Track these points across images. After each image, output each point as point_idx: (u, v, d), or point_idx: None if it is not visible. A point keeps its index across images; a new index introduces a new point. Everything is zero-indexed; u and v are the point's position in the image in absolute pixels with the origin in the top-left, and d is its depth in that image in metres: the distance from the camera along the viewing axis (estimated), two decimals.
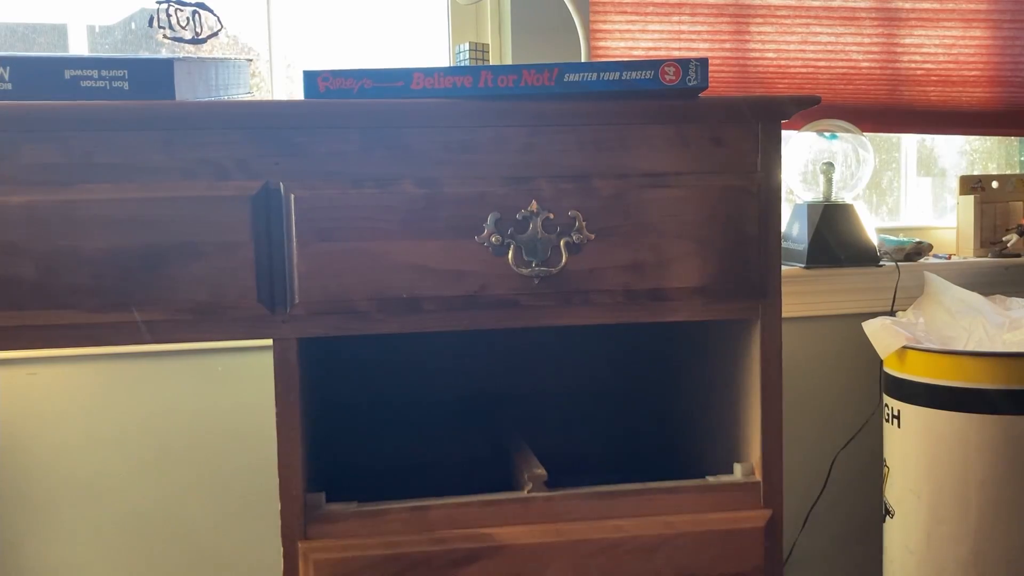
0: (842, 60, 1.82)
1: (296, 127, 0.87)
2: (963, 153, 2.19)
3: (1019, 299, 1.64)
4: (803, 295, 1.71)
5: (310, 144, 0.87)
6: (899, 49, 1.84)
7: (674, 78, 0.90)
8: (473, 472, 1.21)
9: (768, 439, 0.96)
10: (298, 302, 0.87)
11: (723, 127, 0.92)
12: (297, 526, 0.90)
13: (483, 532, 0.91)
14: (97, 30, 1.63)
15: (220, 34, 1.07)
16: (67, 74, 0.88)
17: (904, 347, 1.45)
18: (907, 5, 1.84)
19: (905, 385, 1.47)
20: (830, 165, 1.75)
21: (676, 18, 1.73)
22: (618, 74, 0.90)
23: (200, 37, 1.05)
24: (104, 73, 0.89)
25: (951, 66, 1.87)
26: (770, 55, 1.79)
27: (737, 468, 0.98)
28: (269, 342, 0.89)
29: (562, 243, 0.89)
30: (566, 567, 0.92)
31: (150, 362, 1.52)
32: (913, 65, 1.85)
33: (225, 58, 1.08)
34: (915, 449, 1.47)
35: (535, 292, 0.90)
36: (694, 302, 0.93)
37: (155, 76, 0.90)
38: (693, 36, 1.74)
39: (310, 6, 1.70)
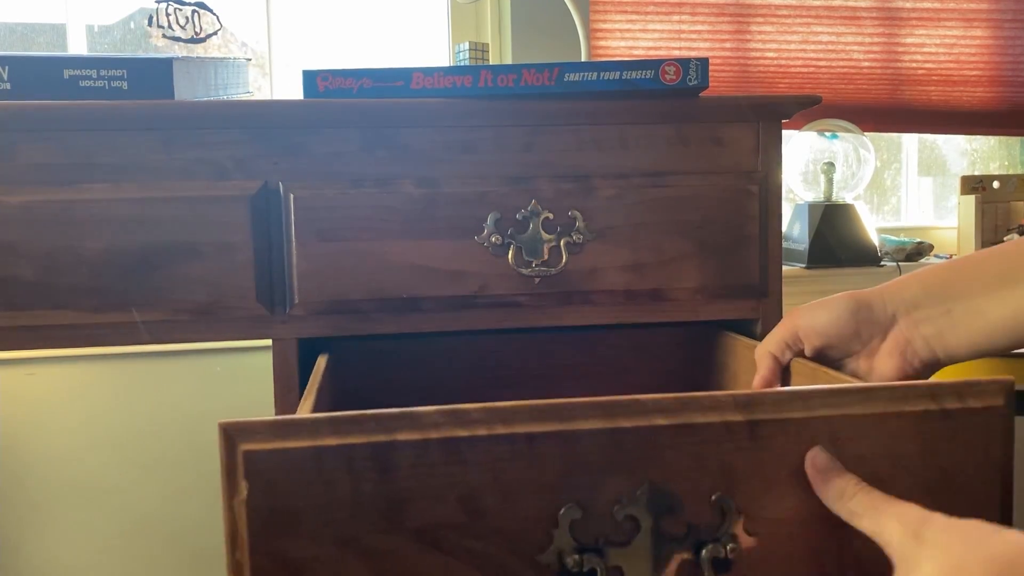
0: (843, 60, 1.81)
1: (296, 127, 0.87)
2: (964, 153, 2.19)
3: None
4: (803, 295, 1.71)
5: (310, 144, 0.87)
6: (900, 49, 1.84)
7: (675, 78, 0.90)
8: None
9: None
10: (297, 302, 0.87)
11: (723, 127, 0.92)
12: None
13: None
14: (96, 30, 1.63)
15: (219, 34, 1.07)
16: (66, 74, 0.88)
17: None
18: (908, 5, 1.83)
19: None
20: (831, 165, 1.75)
21: (676, 17, 1.73)
22: (618, 74, 0.89)
23: (199, 37, 1.05)
24: (103, 73, 0.89)
25: (952, 66, 1.86)
26: (771, 55, 1.79)
27: None
28: (269, 342, 0.89)
29: (562, 243, 0.89)
30: None
31: (150, 362, 1.52)
32: (914, 65, 1.85)
33: (225, 58, 1.08)
34: None
35: (535, 292, 0.90)
36: (694, 302, 0.92)
37: (154, 76, 0.90)
38: (693, 36, 1.74)
39: (310, 6, 1.70)
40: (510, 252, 0.89)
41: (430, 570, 0.53)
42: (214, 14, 1.07)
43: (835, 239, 1.69)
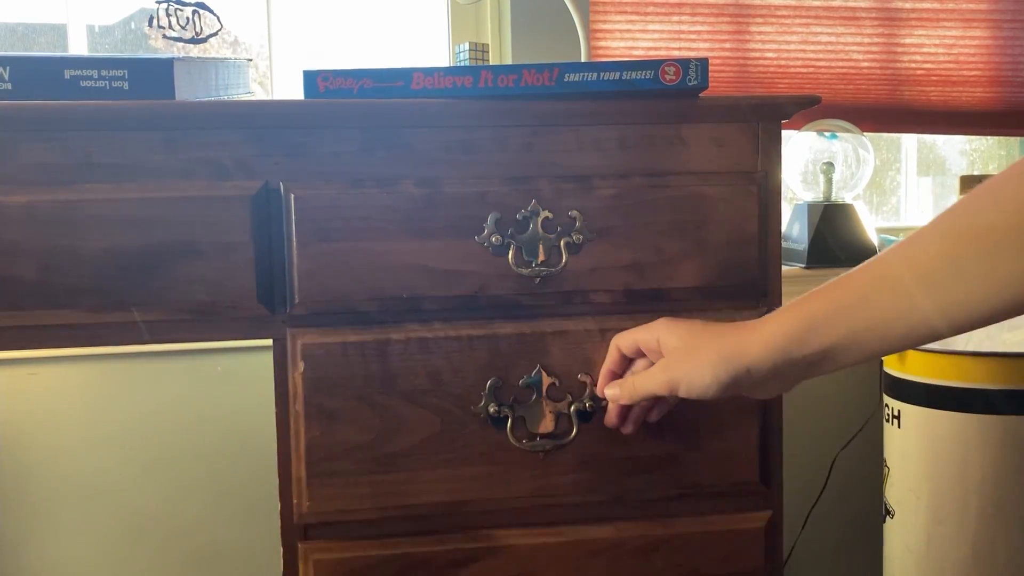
0: (842, 60, 1.82)
1: (296, 127, 0.87)
2: (963, 153, 2.19)
3: None
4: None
5: (310, 144, 0.87)
6: (899, 49, 1.84)
7: (674, 78, 0.90)
8: None
9: (767, 439, 0.96)
10: (298, 302, 0.87)
11: (723, 127, 0.92)
12: (297, 527, 0.90)
13: (484, 533, 0.92)
14: (97, 30, 1.63)
15: (220, 34, 1.07)
16: (67, 74, 0.88)
17: None
18: (907, 5, 1.84)
19: (905, 385, 1.47)
20: (830, 165, 1.75)
21: (676, 18, 1.73)
22: (618, 74, 0.90)
23: (200, 37, 1.05)
24: (104, 73, 0.89)
25: (951, 66, 1.86)
26: (770, 55, 1.79)
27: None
28: (269, 342, 0.89)
29: (562, 243, 0.89)
30: (567, 568, 0.92)
31: (150, 362, 1.52)
32: (913, 65, 1.85)
33: (225, 58, 1.08)
34: (915, 449, 1.47)
35: (535, 292, 0.90)
36: (694, 302, 0.93)
37: (155, 76, 0.90)
38: (693, 36, 1.74)
39: (310, 6, 1.70)
40: (510, 252, 0.89)
41: (410, 416, 0.89)
42: (214, 14, 1.07)
43: (835, 239, 1.69)
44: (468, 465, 0.90)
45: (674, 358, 0.78)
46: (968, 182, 1.89)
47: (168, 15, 1.03)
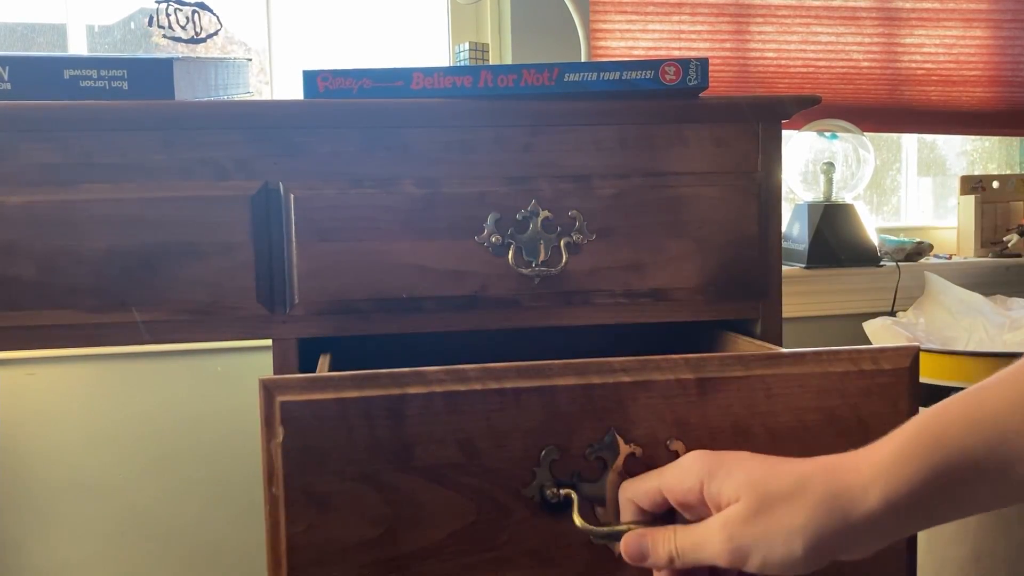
0: (843, 60, 1.81)
1: (296, 127, 0.87)
2: (963, 153, 2.19)
3: (1020, 299, 1.64)
4: (803, 295, 1.71)
5: (310, 144, 0.87)
6: (900, 49, 1.84)
7: (674, 78, 0.90)
8: None
9: None
10: (298, 302, 0.87)
11: (723, 127, 0.92)
12: None
13: None
14: (96, 30, 1.63)
15: (220, 34, 1.07)
16: (66, 74, 0.88)
17: None
18: (908, 5, 1.83)
19: None
20: (830, 165, 1.75)
21: (676, 18, 1.73)
22: (618, 74, 0.90)
23: (199, 37, 1.05)
24: (103, 73, 0.89)
25: (952, 66, 1.86)
26: (770, 55, 1.79)
27: None
28: (269, 342, 0.89)
29: (562, 243, 0.89)
30: None
31: (150, 362, 1.52)
32: (914, 65, 1.85)
33: (225, 58, 1.08)
34: None
35: (535, 292, 0.90)
36: (694, 302, 0.93)
37: (154, 76, 0.90)
38: (693, 36, 1.74)
39: (310, 6, 1.70)
40: (510, 252, 0.89)
41: (434, 502, 0.64)
42: (214, 14, 1.07)
43: (835, 239, 1.69)
44: (515, 568, 0.66)
45: (739, 516, 0.52)
46: (968, 182, 1.89)
47: (168, 15, 1.03)
